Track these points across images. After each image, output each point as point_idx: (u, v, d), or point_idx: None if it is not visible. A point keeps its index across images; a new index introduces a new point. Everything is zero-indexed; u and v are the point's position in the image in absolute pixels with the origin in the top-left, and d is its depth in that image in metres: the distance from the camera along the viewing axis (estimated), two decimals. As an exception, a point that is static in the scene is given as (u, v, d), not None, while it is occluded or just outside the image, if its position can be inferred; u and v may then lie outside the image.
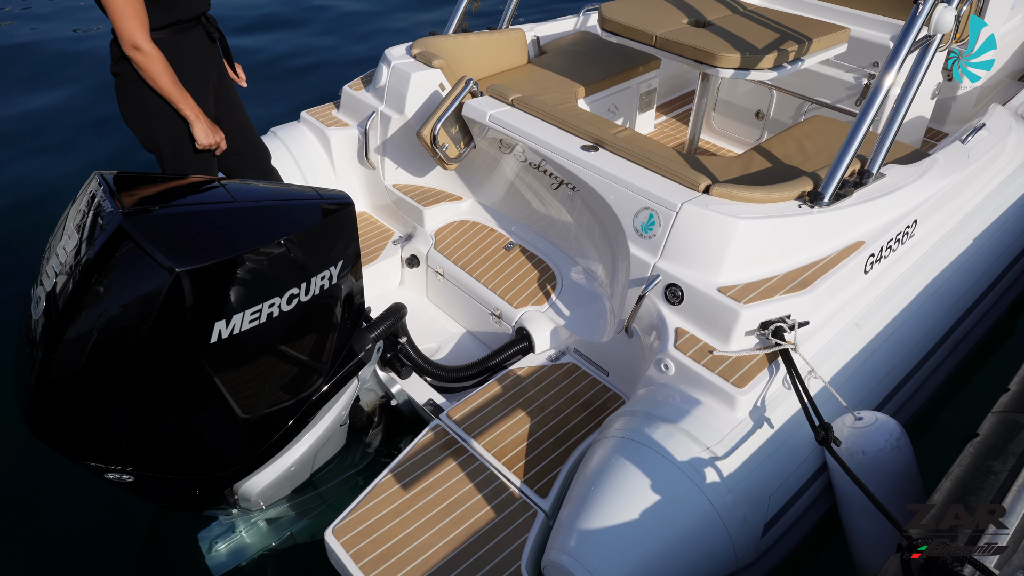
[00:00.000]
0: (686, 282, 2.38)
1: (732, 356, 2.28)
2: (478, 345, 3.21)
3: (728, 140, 4.40)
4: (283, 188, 2.36)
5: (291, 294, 2.21)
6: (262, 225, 2.16)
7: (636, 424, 2.21)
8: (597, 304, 2.90)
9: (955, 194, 2.94)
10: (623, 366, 2.70)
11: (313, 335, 2.38)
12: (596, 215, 2.83)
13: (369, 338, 2.60)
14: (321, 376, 2.46)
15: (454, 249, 3.29)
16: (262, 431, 2.37)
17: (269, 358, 2.26)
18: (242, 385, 2.22)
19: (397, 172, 3.57)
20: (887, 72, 2.46)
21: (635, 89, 4.03)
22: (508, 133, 2.97)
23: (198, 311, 2.01)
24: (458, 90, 3.13)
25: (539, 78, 3.71)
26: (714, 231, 2.37)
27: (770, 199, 2.47)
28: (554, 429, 2.58)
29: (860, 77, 3.83)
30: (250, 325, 2.13)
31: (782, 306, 2.30)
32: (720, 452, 2.10)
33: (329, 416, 2.60)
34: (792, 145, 3.08)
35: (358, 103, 3.61)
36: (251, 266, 2.08)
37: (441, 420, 2.63)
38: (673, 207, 2.44)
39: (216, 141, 2.86)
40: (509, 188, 3.28)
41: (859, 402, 2.41)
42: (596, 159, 2.71)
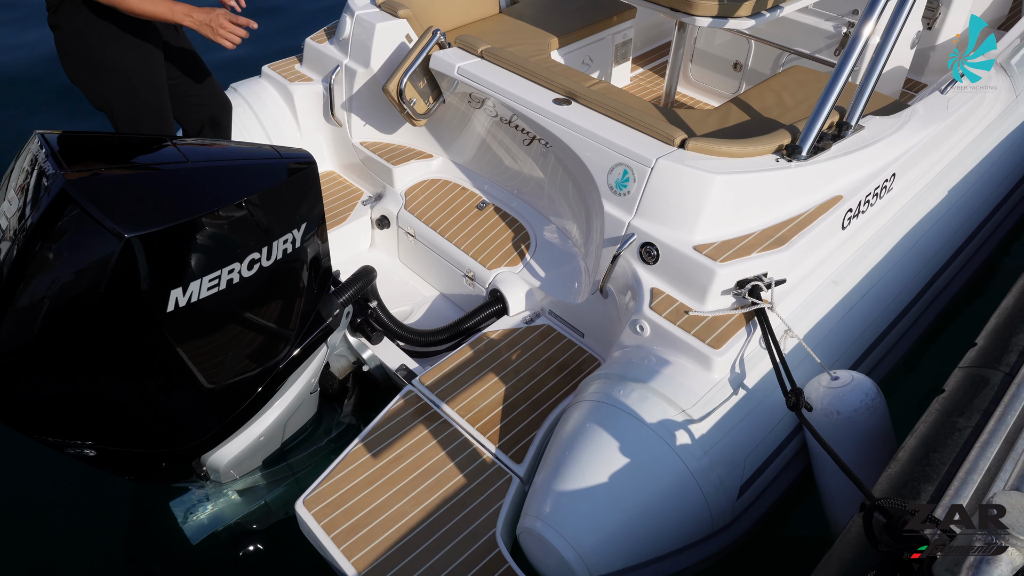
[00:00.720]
0: (661, 241, 2.32)
1: (708, 316, 2.24)
2: (452, 308, 3.14)
3: (706, 92, 4.30)
4: (241, 147, 2.24)
5: (252, 259, 2.12)
6: (219, 186, 2.05)
7: (610, 387, 2.17)
8: (572, 264, 2.84)
9: (934, 146, 2.88)
10: (599, 327, 2.65)
11: (278, 301, 2.29)
12: (569, 172, 2.75)
13: (337, 303, 2.52)
14: (288, 343, 2.39)
15: (425, 209, 3.19)
16: (228, 401, 2.30)
17: (232, 326, 2.17)
18: (205, 354, 2.14)
19: (365, 129, 3.44)
20: (866, 20, 2.38)
21: (610, 40, 3.90)
22: (477, 86, 2.85)
23: (152, 279, 1.91)
24: (424, 41, 3.00)
25: (510, 29, 3.57)
26: (690, 187, 2.30)
27: (747, 153, 2.40)
28: (529, 393, 2.54)
29: (839, 26, 3.74)
30: (209, 292, 2.04)
31: (759, 264, 2.25)
32: (695, 415, 2.06)
33: (298, 384, 2.53)
34: (770, 97, 3.00)
35: (322, 56, 3.46)
36: (208, 230, 1.98)
37: (413, 386, 2.57)
38: (647, 162, 2.36)
39: (233, 28, 2.54)
40: (481, 145, 3.18)
41: (836, 359, 2.39)
42: (568, 113, 2.61)
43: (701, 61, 4.26)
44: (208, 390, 2.22)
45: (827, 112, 2.39)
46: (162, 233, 1.88)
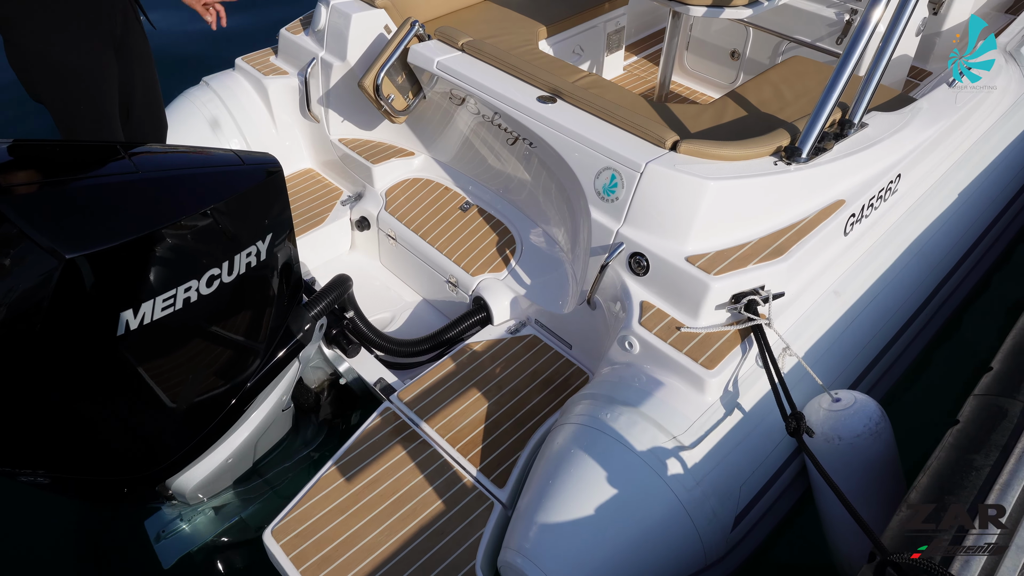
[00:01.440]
0: (651, 251, 2.17)
1: (701, 333, 2.10)
2: (435, 314, 2.99)
3: (702, 82, 4.12)
4: (198, 154, 2.08)
5: (211, 275, 1.97)
6: (173, 199, 1.90)
7: (597, 410, 2.04)
8: (559, 271, 2.69)
9: (941, 143, 2.73)
10: (587, 339, 2.51)
11: (243, 317, 2.15)
12: (554, 174, 2.59)
13: (308, 316, 2.38)
14: (256, 360, 2.25)
15: (406, 210, 3.04)
16: (191, 424, 2.16)
17: (192, 345, 2.03)
18: (163, 376, 2.00)
19: (343, 125, 3.28)
20: (875, 6, 2.20)
21: (602, 28, 3.73)
22: (457, 82, 2.69)
23: (99, 301, 1.77)
24: (402, 34, 2.83)
25: (496, 17, 3.39)
26: (682, 194, 2.15)
27: (743, 156, 2.24)
28: (513, 410, 2.40)
29: (841, 13, 3.56)
30: (164, 313, 1.89)
31: (755, 276, 2.11)
32: (687, 441, 1.93)
33: (268, 402, 2.40)
34: (768, 90, 2.84)
35: (297, 48, 3.28)
36: (161, 246, 1.83)
37: (391, 402, 2.43)
38: (637, 167, 2.21)
39: None
40: (464, 143, 3.02)
41: (837, 376, 2.25)
42: (553, 112, 2.45)
43: (697, 50, 4.09)
44: (169, 412, 2.08)
45: (830, 109, 2.23)
46: (108, 252, 1.73)
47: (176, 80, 3.55)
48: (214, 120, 3.24)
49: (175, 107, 3.26)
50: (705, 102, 4.04)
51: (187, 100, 3.27)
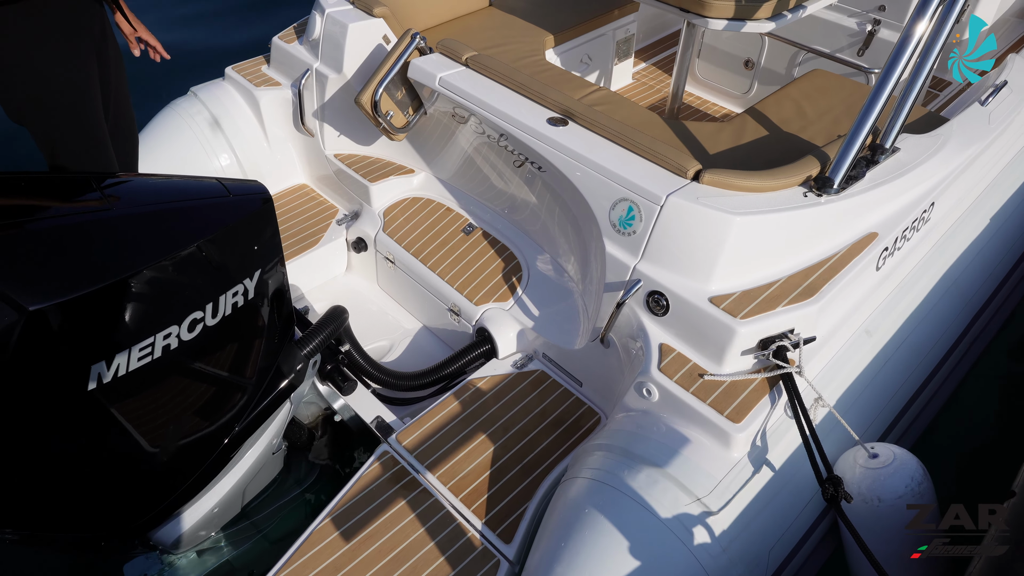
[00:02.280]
0: (672, 290, 2.01)
1: (726, 381, 1.94)
2: (436, 344, 2.83)
3: (714, 92, 3.96)
4: (179, 184, 1.91)
5: (193, 319, 1.81)
6: (150, 237, 1.73)
7: (613, 463, 1.88)
8: (568, 302, 2.53)
9: (975, 168, 2.57)
10: (599, 377, 2.35)
11: (229, 360, 1.99)
12: (565, 202, 2.42)
13: (300, 356, 2.21)
14: (244, 405, 2.08)
15: (406, 232, 2.87)
16: (174, 475, 2.00)
17: (171, 394, 1.87)
18: (140, 426, 1.84)
19: (339, 140, 3.10)
20: (919, 19, 2.00)
21: (611, 36, 3.56)
22: (460, 101, 2.51)
23: (67, 355, 1.60)
24: (402, 47, 2.65)
25: (500, 25, 3.22)
26: (705, 229, 1.99)
27: (770, 187, 2.08)
28: (520, 454, 2.24)
29: (864, 23, 3.40)
30: (141, 363, 1.73)
31: (784, 320, 1.95)
32: (713, 503, 1.77)
33: (258, 446, 2.23)
34: (789, 107, 2.67)
35: (290, 58, 3.10)
36: (136, 292, 1.67)
37: (389, 445, 2.27)
38: (656, 199, 2.04)
39: None
40: (467, 161, 2.85)
41: (870, 424, 2.10)
42: (565, 136, 2.28)
43: (709, 57, 3.92)
44: (149, 464, 1.92)
45: (864, 136, 2.06)
46: (76, 301, 1.56)
47: (163, 90, 3.37)
48: (202, 133, 3.06)
49: (161, 119, 3.08)
50: (718, 113, 3.87)
51: (174, 112, 3.10)
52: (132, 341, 1.69)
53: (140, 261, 1.67)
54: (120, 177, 1.88)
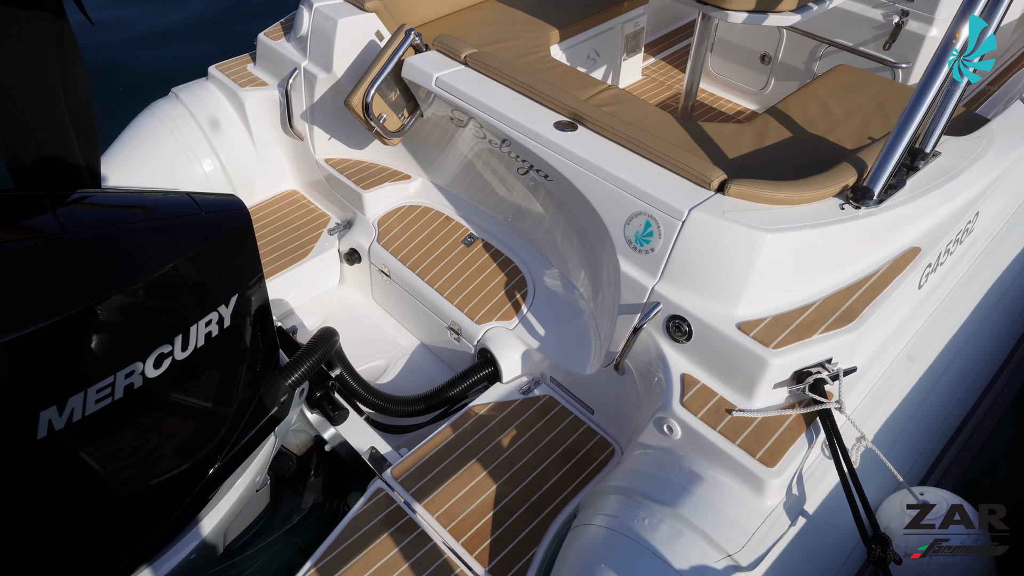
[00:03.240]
0: (694, 315, 1.81)
1: (757, 418, 1.74)
2: (435, 364, 2.63)
3: (728, 88, 3.74)
4: (141, 201, 1.71)
5: (160, 354, 1.61)
6: (108, 264, 1.53)
7: (631, 511, 1.68)
8: (578, 322, 2.33)
9: (1017, 171, 2.36)
10: (612, 405, 2.15)
11: (202, 396, 1.79)
12: (574, 213, 2.22)
13: (285, 386, 2.02)
14: (220, 442, 1.89)
15: (402, 244, 2.67)
16: (143, 523, 1.81)
17: (136, 438, 1.67)
18: (103, 475, 1.64)
19: (330, 144, 2.90)
20: (967, 15, 1.78)
21: (619, 30, 3.34)
22: (459, 103, 2.31)
23: (12, 401, 1.40)
24: (395, 44, 2.44)
25: (502, 19, 3.01)
26: (732, 247, 1.78)
27: (804, 199, 1.87)
28: (527, 491, 2.05)
29: (890, 15, 3.18)
30: (99, 405, 1.53)
31: (821, 349, 1.74)
32: (745, 560, 1.57)
33: (239, 485, 2.04)
34: (814, 106, 2.47)
35: (277, 56, 2.90)
36: (92, 326, 1.47)
37: (384, 481, 2.08)
38: (678, 214, 1.84)
39: None
40: (467, 167, 2.64)
41: (914, 462, 1.90)
42: (574, 142, 2.08)
43: (722, 52, 3.70)
44: (115, 514, 1.72)
45: (908, 141, 1.86)
46: (21, 341, 1.37)
47: (143, 91, 3.17)
48: (184, 138, 2.86)
49: (139, 123, 2.87)
50: (732, 111, 3.66)
51: (153, 114, 2.89)
52: (88, 382, 1.49)
53: (97, 291, 1.47)
54: (76, 193, 1.68)
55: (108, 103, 4.03)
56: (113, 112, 3.04)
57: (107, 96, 4.09)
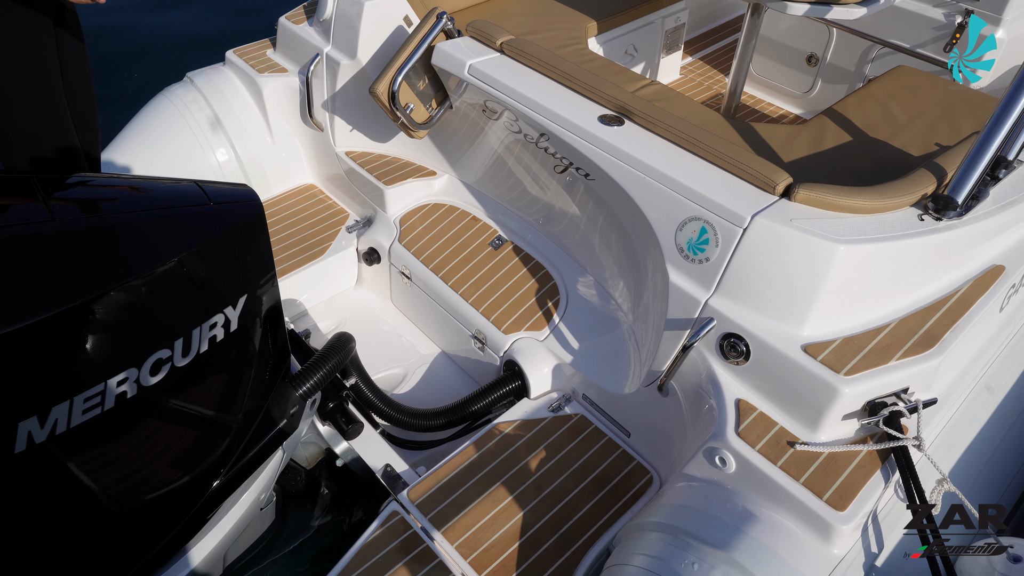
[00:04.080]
0: (753, 333, 1.62)
1: (824, 453, 1.54)
2: (457, 374, 2.45)
3: (770, 90, 3.54)
4: (143, 188, 1.54)
5: (157, 360, 1.44)
6: (101, 258, 1.36)
7: (675, 553, 1.49)
8: (615, 335, 2.14)
9: None
10: (652, 428, 1.96)
11: (204, 406, 1.62)
12: (618, 217, 2.03)
13: (296, 397, 1.84)
14: (223, 456, 1.72)
15: (425, 244, 2.49)
16: (136, 544, 1.64)
17: (129, 451, 1.50)
18: (93, 486, 1.48)
19: (351, 136, 2.73)
20: None
21: (659, 25, 3.16)
22: (494, 92, 2.13)
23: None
24: (426, 28, 2.27)
25: (537, 9, 2.84)
26: (800, 259, 1.59)
27: (879, 207, 1.68)
28: (557, 521, 1.86)
29: (952, 15, 2.97)
30: (87, 416, 1.36)
31: (898, 377, 1.55)
32: (812, 618, 1.38)
33: (242, 504, 1.87)
34: (875, 109, 2.27)
35: (298, 41, 2.73)
36: (80, 328, 1.31)
37: (400, 503, 1.90)
38: (739, 221, 1.65)
39: None
40: (498, 163, 2.46)
41: (995, 503, 1.69)
42: (621, 138, 1.89)
43: (765, 51, 3.50)
44: (107, 532, 1.56)
45: (996, 148, 1.66)
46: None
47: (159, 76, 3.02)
48: (198, 125, 2.70)
49: (152, 108, 2.72)
50: (775, 114, 3.46)
51: (167, 100, 2.73)
52: (75, 390, 1.33)
53: (87, 288, 1.31)
54: (71, 178, 1.51)
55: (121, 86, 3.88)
56: (125, 96, 2.89)
57: (120, 79, 3.97)
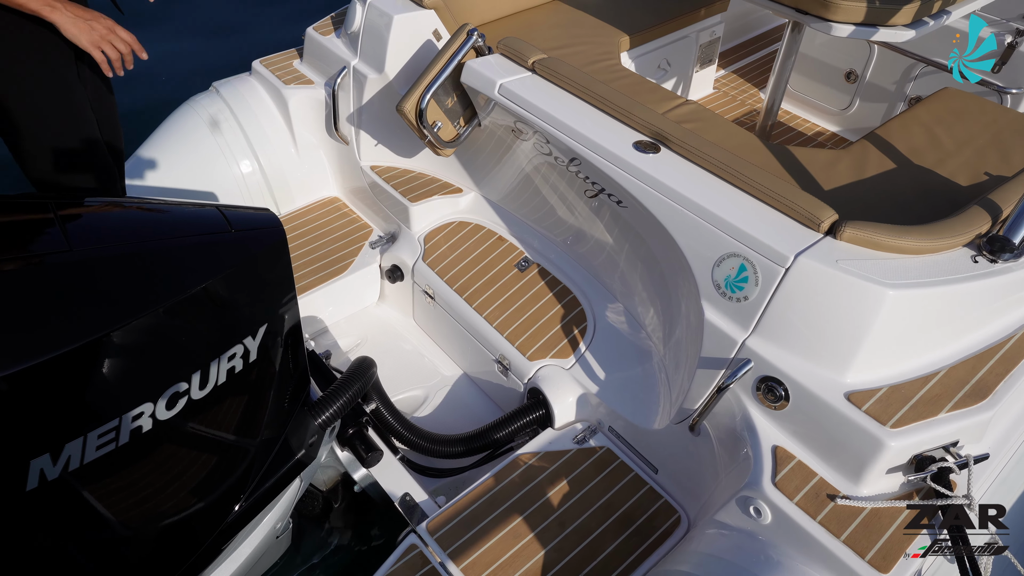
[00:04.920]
0: (793, 378, 1.54)
1: (867, 508, 1.46)
2: (479, 399, 2.39)
3: (805, 106, 3.44)
4: (162, 214, 1.50)
5: (174, 393, 1.39)
6: (117, 290, 1.32)
7: (710, 609, 1.42)
8: (645, 369, 2.07)
9: None
10: (681, 466, 1.89)
11: (220, 437, 1.57)
12: (651, 249, 1.96)
13: (314, 427, 1.79)
14: (237, 487, 1.67)
15: (449, 264, 2.43)
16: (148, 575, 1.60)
17: (143, 486, 1.46)
18: (103, 521, 1.44)
19: (377, 150, 2.68)
20: None
21: (694, 39, 3.08)
22: (524, 114, 2.06)
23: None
24: (456, 45, 2.21)
25: (568, 22, 2.77)
26: (846, 302, 1.51)
27: (930, 248, 1.59)
28: (580, 561, 1.79)
29: (1002, 34, 2.85)
30: (101, 452, 1.32)
31: (947, 430, 1.46)
32: None
33: (257, 534, 1.82)
34: (920, 134, 2.18)
35: (326, 53, 2.69)
36: (94, 363, 1.26)
37: (418, 536, 1.84)
38: (781, 259, 1.57)
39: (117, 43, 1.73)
40: (525, 183, 2.40)
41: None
42: (657, 166, 1.82)
43: (802, 67, 3.41)
44: (117, 566, 1.51)
45: None
46: (7, 380, 1.16)
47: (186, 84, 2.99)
48: (221, 136, 2.67)
49: (176, 118, 2.69)
50: (810, 131, 3.37)
51: (191, 109, 2.70)
52: (89, 427, 1.28)
53: (103, 322, 1.26)
54: (89, 202, 1.47)
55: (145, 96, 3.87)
56: (151, 105, 2.86)
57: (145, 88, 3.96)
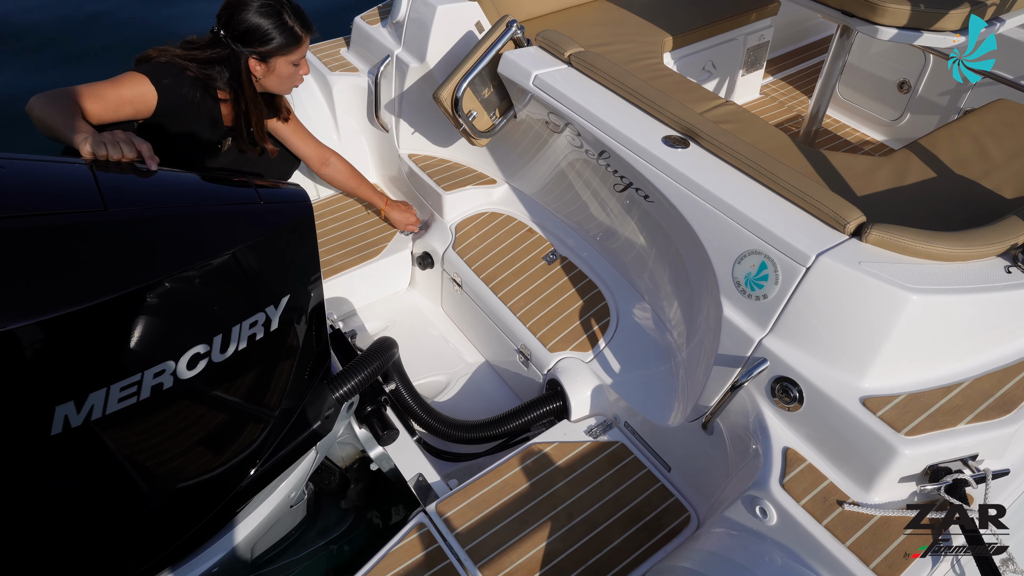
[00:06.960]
0: (808, 380, 1.52)
1: (876, 516, 1.43)
2: (499, 387, 2.41)
3: (856, 116, 3.37)
4: (193, 183, 1.56)
5: (195, 354, 1.45)
6: (145, 250, 1.37)
7: (709, 607, 1.41)
8: (664, 367, 2.05)
9: None
10: (693, 465, 1.87)
11: (239, 402, 1.62)
12: (675, 244, 1.95)
13: (332, 399, 1.84)
14: (254, 453, 1.72)
15: (478, 253, 2.46)
16: (163, 532, 1.65)
17: (160, 442, 1.51)
18: (120, 479, 1.50)
19: (414, 139, 2.72)
20: None
21: (741, 42, 3.04)
22: (556, 105, 2.08)
23: (28, 391, 1.26)
24: (495, 36, 2.23)
25: (614, 19, 2.77)
26: (867, 305, 1.48)
27: (960, 255, 1.55)
28: (585, 552, 1.79)
29: (1065, 46, 2.76)
30: (122, 404, 1.38)
31: (966, 443, 1.42)
32: None
33: (272, 500, 1.88)
34: (967, 144, 2.12)
35: (371, 42, 2.74)
36: (121, 318, 1.32)
37: (427, 515, 1.87)
38: (803, 258, 1.54)
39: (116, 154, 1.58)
40: (558, 176, 2.41)
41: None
42: (684, 161, 1.81)
43: (853, 75, 3.33)
44: (133, 520, 1.57)
45: None
46: (40, 326, 1.22)
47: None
48: (268, 118, 2.74)
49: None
50: (857, 141, 3.29)
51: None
52: (112, 379, 1.34)
53: (129, 279, 1.32)
54: (123, 168, 1.53)
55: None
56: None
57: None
